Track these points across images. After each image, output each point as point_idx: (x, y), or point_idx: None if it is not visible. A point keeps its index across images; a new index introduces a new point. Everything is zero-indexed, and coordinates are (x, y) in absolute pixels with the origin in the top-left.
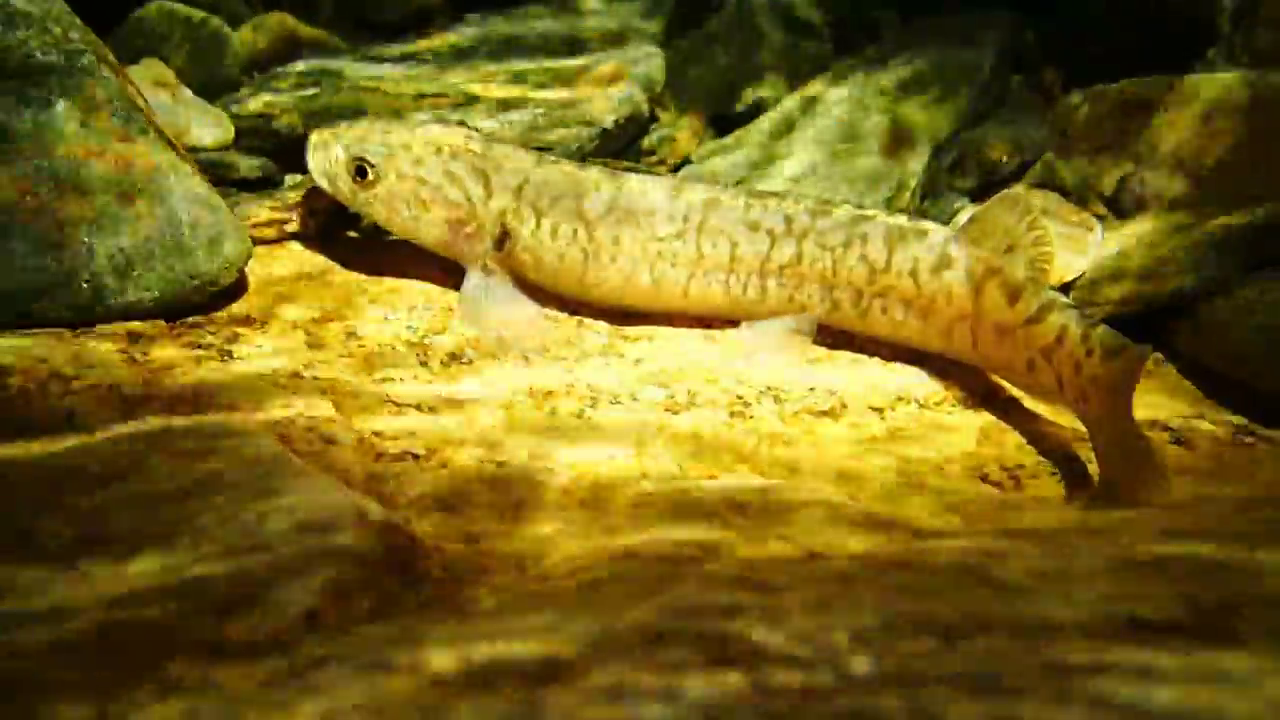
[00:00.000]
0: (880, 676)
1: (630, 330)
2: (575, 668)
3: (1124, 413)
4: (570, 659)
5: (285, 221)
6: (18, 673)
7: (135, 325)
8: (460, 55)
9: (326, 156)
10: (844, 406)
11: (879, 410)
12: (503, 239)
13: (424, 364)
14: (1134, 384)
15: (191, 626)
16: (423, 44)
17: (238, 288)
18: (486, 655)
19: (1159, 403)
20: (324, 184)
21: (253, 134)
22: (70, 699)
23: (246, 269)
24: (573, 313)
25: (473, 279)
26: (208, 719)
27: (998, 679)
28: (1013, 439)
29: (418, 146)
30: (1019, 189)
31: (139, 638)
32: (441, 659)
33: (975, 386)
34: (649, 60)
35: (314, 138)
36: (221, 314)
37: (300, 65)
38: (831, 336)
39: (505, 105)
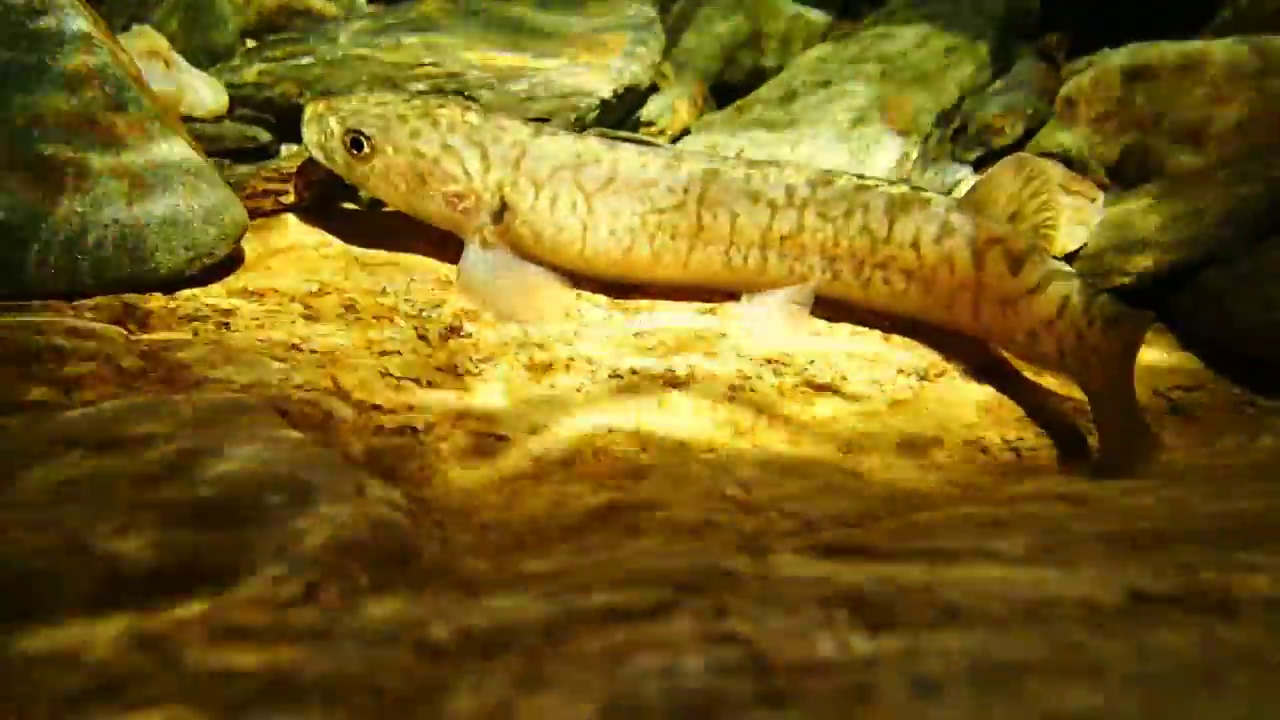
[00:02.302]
0: (880, 655)
1: (630, 303)
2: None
3: (1124, 382)
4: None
5: (281, 193)
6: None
7: (131, 298)
8: (457, 24)
9: (322, 129)
10: (844, 379)
11: (879, 383)
12: (501, 211)
13: (422, 337)
14: (1134, 353)
15: (191, 599)
16: (419, 12)
17: (234, 259)
18: (486, 624)
19: (1160, 373)
20: (320, 157)
21: (248, 103)
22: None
23: (243, 241)
24: (573, 285)
25: (471, 252)
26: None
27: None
28: (1013, 410)
29: (414, 119)
30: (1023, 155)
31: (137, 613)
32: (440, 630)
33: (976, 358)
34: (648, 29)
35: (309, 110)
36: (218, 286)
37: (295, 33)
38: (832, 308)
39: (503, 75)
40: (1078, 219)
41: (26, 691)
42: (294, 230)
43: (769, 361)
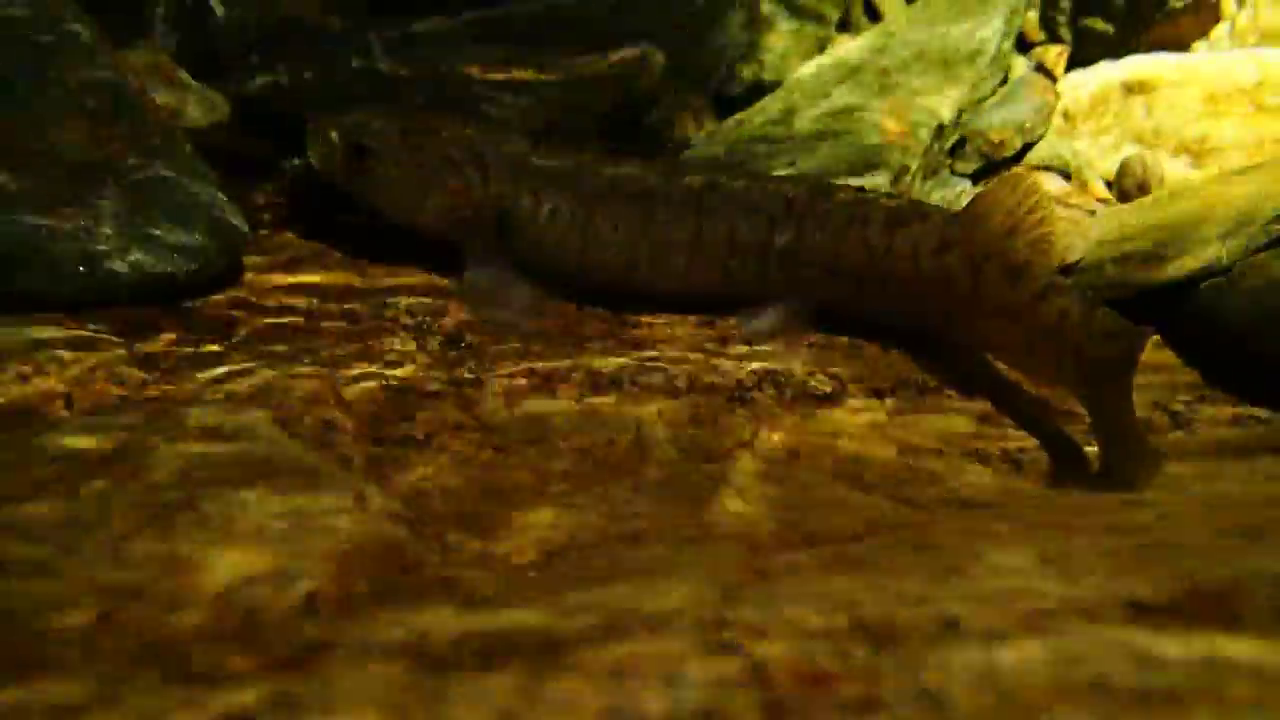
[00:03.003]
0: (881, 667)
1: (630, 315)
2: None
3: (1124, 395)
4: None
5: (283, 205)
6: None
7: (132, 309)
8: (460, 37)
9: (324, 142)
10: (843, 390)
11: (879, 394)
12: (501, 223)
13: (423, 348)
14: (1134, 367)
15: (193, 610)
16: (422, 25)
17: (235, 272)
18: (486, 635)
19: (1159, 385)
20: (321, 170)
21: (250, 115)
22: (73, 679)
23: (243, 253)
24: (572, 297)
25: (471, 264)
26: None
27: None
28: (1012, 422)
29: (415, 132)
30: (1021, 170)
31: (136, 622)
32: (440, 641)
33: (975, 369)
34: (649, 42)
35: (311, 123)
36: (219, 297)
37: (298, 47)
38: (831, 320)
39: (503, 87)
40: (1076, 232)
41: None
42: (295, 243)
43: (768, 373)
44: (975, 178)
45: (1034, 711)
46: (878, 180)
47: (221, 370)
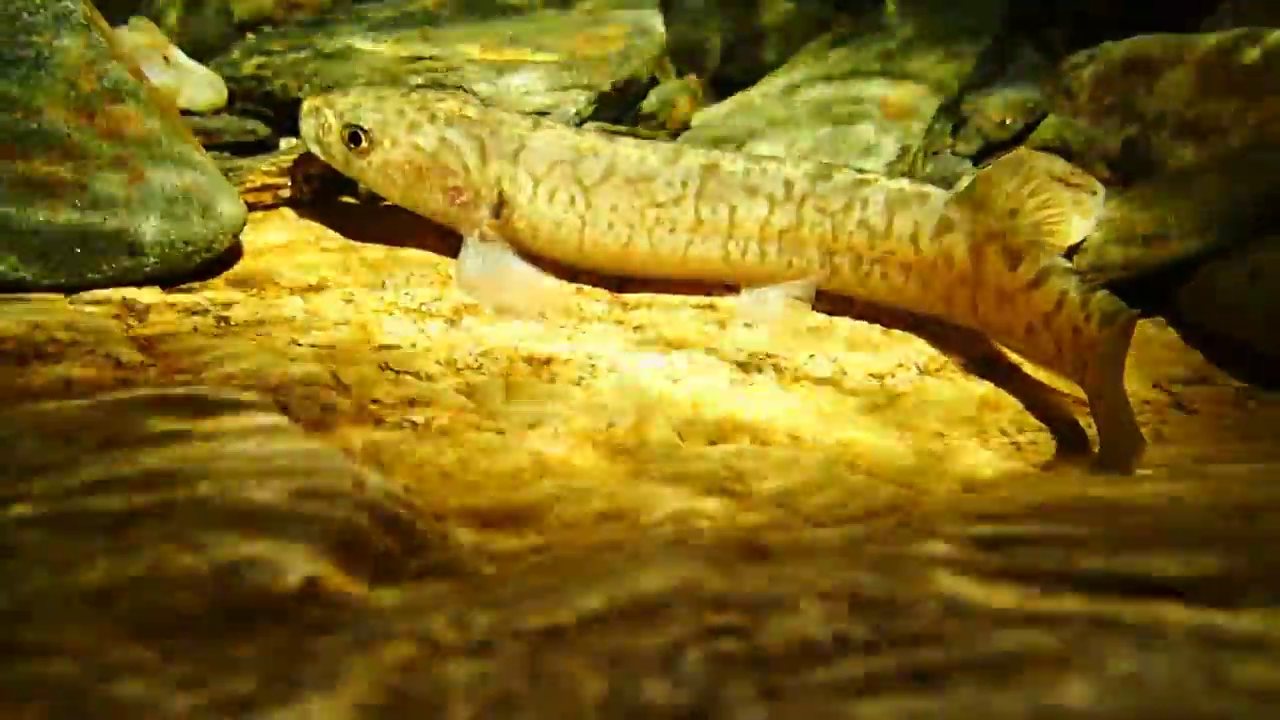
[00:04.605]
0: (878, 644)
1: (629, 297)
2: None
3: (1115, 377)
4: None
5: (280, 186)
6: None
7: (129, 292)
8: (456, 17)
9: (320, 123)
10: (844, 373)
11: (879, 376)
12: (500, 206)
13: (422, 331)
14: (1125, 349)
15: (192, 594)
16: (418, 5)
17: (233, 253)
18: (486, 619)
19: (1161, 367)
20: (318, 151)
21: (247, 97)
22: (68, 653)
23: (241, 235)
24: (571, 279)
25: (470, 246)
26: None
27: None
28: (1012, 405)
29: (413, 112)
30: (1022, 151)
31: (137, 608)
32: (440, 624)
33: (975, 352)
34: (648, 22)
35: (307, 104)
36: (217, 280)
37: (294, 26)
38: (831, 302)
39: (501, 68)
40: (1079, 212)
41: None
42: (292, 224)
43: (768, 355)
44: (976, 158)
45: (1032, 693)
46: (878, 160)
47: (220, 353)
